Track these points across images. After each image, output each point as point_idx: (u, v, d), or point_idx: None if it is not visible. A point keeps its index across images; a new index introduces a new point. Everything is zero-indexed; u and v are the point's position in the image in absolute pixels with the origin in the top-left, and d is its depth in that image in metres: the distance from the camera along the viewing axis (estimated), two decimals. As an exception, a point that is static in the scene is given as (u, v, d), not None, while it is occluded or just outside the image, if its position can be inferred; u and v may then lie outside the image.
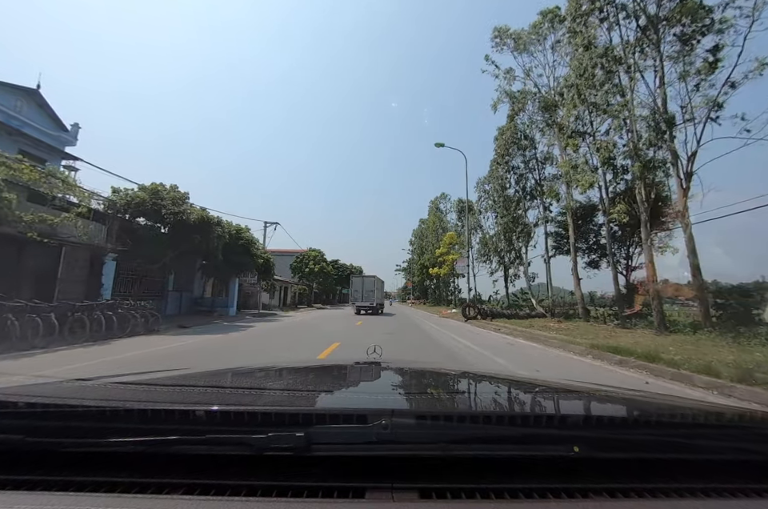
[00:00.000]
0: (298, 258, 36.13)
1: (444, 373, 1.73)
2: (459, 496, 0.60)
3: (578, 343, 8.69)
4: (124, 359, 5.95)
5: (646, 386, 4.64)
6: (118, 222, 10.61)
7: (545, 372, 5.56)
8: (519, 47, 17.16)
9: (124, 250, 10.76)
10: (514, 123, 19.46)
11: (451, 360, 6.61)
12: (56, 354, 6.30)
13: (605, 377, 5.35)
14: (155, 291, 15.76)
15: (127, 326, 8.89)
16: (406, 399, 1.12)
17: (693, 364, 5.43)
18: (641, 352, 6.70)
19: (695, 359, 5.86)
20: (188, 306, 17.35)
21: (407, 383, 1.49)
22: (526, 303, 27.14)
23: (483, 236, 37.14)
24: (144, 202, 10.39)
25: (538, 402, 1.15)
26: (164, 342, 8.16)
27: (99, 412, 0.72)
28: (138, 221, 10.99)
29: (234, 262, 16.32)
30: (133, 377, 1.33)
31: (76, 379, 1.12)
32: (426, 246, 51.12)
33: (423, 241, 54.81)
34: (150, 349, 7.14)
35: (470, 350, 8.12)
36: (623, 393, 1.23)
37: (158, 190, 10.79)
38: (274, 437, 0.64)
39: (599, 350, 7.61)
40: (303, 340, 9.26)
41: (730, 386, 4.43)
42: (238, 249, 16.11)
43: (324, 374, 1.61)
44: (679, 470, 0.69)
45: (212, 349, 7.44)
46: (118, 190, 10.72)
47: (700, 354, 6.51)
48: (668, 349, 7.34)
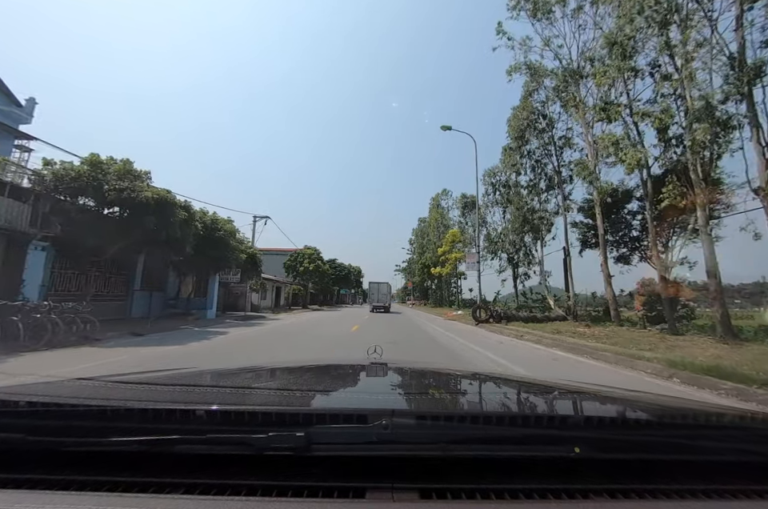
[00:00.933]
0: (291, 256, 33.92)
1: (444, 373, 1.75)
2: (459, 496, 0.60)
3: (644, 358, 6.49)
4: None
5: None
6: (50, 201, 8.34)
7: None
8: (539, 11, 14.97)
9: (58, 238, 8.51)
10: (530, 102, 17.27)
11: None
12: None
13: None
14: (118, 291, 13.52)
15: (43, 336, 6.66)
16: (406, 399, 1.12)
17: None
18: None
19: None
20: (160, 308, 15.12)
21: (408, 383, 1.50)
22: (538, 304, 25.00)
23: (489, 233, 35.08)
24: (80, 177, 8.13)
25: (538, 402, 1.15)
26: (83, 358, 5.94)
27: (100, 411, 0.73)
28: (77, 201, 8.69)
29: (212, 257, 14.10)
30: (134, 376, 1.30)
31: (77, 378, 1.12)
32: (427, 245, 48.90)
33: (424, 240, 52.60)
34: (38, 373, 4.91)
35: (505, 368, 5.93)
36: (624, 393, 1.24)
37: (99, 161, 8.50)
38: (274, 437, 0.64)
39: (687, 370, 5.42)
40: (279, 354, 7.06)
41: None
42: (215, 241, 13.89)
43: (324, 374, 1.60)
44: (680, 470, 0.68)
45: (147, 367, 5.23)
46: (51, 162, 8.45)
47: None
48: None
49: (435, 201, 50.12)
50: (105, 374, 1.24)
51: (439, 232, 47.17)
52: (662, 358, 6.21)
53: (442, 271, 38.95)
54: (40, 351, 6.36)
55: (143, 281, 14.51)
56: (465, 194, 38.62)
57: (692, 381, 5.06)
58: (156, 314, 14.49)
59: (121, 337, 8.75)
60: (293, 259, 33.36)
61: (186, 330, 11.06)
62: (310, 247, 35.00)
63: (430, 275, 50.08)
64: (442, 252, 39.26)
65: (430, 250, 46.65)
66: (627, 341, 9.23)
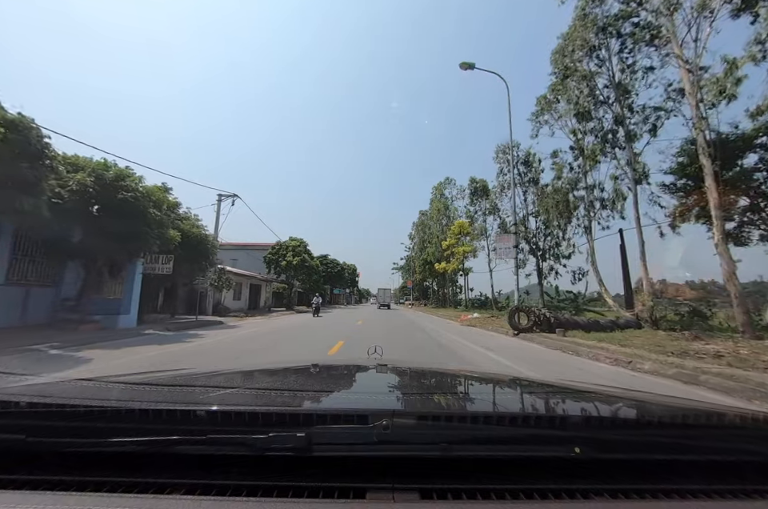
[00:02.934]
0: (273, 248, 28.84)
1: (445, 373, 1.75)
2: (460, 497, 0.60)
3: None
4: None
5: None
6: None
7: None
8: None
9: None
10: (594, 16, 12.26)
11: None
12: None
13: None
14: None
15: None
16: (406, 400, 1.10)
17: None
18: None
19: None
20: (46, 311, 10.05)
21: (408, 384, 1.49)
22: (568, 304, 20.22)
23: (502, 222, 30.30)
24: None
25: (539, 402, 1.14)
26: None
27: (101, 412, 0.72)
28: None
29: (117, 234, 9.04)
30: (134, 377, 1.31)
31: (77, 379, 1.12)
32: (430, 239, 43.91)
33: (426, 233, 47.61)
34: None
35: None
36: (624, 394, 1.25)
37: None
38: (275, 437, 0.63)
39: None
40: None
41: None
42: (118, 207, 8.83)
43: (325, 374, 1.60)
44: (681, 471, 0.68)
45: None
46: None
47: None
48: None
49: (438, 190, 45.27)
50: (105, 375, 1.25)
51: (442, 225, 42.30)
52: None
53: (448, 267, 34.12)
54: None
55: (19, 270, 9.44)
56: (474, 178, 33.78)
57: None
58: (37, 320, 9.48)
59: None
60: (274, 252, 28.31)
61: (31, 356, 6.07)
62: (294, 238, 29.98)
63: (431, 272, 45.29)
64: (448, 246, 34.44)
65: (433, 244, 41.73)
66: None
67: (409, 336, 10.69)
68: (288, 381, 1.41)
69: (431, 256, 41.13)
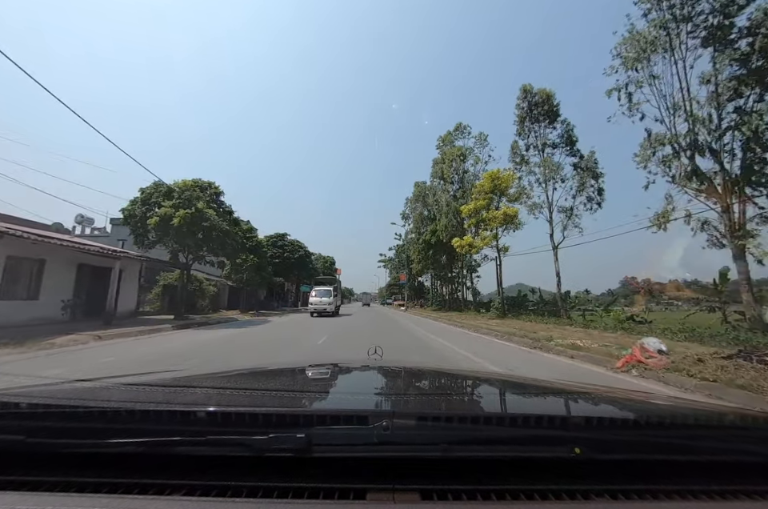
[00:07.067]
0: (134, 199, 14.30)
1: (445, 374, 1.74)
2: (460, 497, 0.59)
3: None
4: None
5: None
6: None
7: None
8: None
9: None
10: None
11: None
12: None
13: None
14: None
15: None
16: (406, 400, 1.10)
17: None
18: None
19: None
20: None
21: (408, 384, 1.47)
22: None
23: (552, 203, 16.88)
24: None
25: (538, 403, 1.12)
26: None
27: (101, 413, 0.71)
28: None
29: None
30: (134, 378, 1.29)
31: (77, 380, 1.11)
32: (439, 209, 29.78)
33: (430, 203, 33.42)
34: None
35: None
36: (624, 394, 1.22)
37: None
38: (275, 438, 0.63)
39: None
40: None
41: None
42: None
43: (325, 375, 1.59)
44: (681, 471, 0.68)
45: None
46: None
47: None
48: None
49: (445, 141, 31.33)
50: (104, 376, 1.30)
51: (464, 182, 28.28)
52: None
53: (476, 243, 20.32)
54: None
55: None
56: (527, 85, 19.96)
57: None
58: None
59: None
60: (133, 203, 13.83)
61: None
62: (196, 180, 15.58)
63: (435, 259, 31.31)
64: (471, 211, 20.71)
65: (443, 214, 27.70)
66: None
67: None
68: (288, 382, 1.40)
69: (443, 231, 27.14)
